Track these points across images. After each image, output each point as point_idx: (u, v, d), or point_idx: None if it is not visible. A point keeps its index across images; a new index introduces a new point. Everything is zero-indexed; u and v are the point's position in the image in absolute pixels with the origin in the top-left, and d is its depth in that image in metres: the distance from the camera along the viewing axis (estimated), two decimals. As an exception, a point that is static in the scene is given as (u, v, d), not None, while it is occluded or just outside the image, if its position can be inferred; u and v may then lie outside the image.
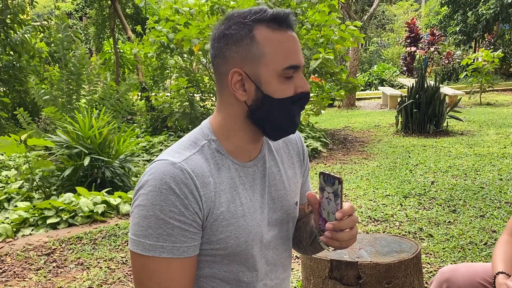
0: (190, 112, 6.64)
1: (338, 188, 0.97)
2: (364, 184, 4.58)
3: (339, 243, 1.00)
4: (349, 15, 11.15)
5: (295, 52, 0.98)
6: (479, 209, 3.72)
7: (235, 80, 0.99)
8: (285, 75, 0.98)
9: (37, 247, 3.27)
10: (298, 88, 1.00)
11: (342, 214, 0.98)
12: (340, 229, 0.99)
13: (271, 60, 0.96)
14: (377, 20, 22.47)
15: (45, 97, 6.11)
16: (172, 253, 0.95)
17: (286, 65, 0.97)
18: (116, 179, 4.52)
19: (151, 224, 0.94)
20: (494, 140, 6.61)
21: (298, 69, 0.99)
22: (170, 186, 0.94)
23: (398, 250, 1.95)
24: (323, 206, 1.02)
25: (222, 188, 1.00)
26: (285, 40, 0.98)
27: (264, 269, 1.10)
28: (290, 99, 0.99)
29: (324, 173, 1.00)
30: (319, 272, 1.92)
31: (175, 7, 6.60)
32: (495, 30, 15.67)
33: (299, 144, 1.22)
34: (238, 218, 1.01)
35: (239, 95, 0.99)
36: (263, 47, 0.96)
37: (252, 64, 0.97)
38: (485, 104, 10.83)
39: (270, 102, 0.98)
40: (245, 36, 0.97)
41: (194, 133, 1.06)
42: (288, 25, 0.98)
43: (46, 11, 23.18)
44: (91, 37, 13.40)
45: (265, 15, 0.96)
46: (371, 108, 11.58)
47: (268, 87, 0.98)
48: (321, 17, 6.26)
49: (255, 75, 0.98)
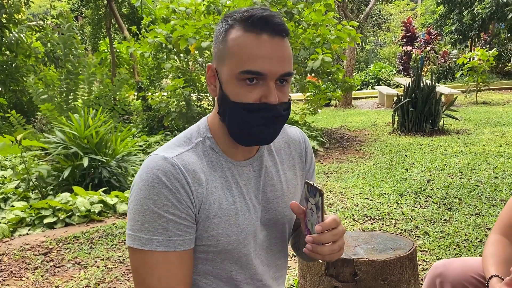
0: (186, 111, 6.64)
1: (319, 201, 0.94)
2: (361, 183, 4.59)
3: (321, 256, 0.97)
4: (345, 14, 11.17)
5: (261, 58, 0.92)
6: (474, 207, 3.75)
7: (209, 74, 1.01)
8: (243, 78, 0.94)
9: (34, 247, 3.27)
10: (262, 98, 0.94)
11: (321, 228, 0.94)
12: (320, 243, 0.96)
13: (232, 61, 0.95)
14: (373, 19, 22.52)
15: (42, 97, 6.09)
16: (168, 246, 0.96)
17: (243, 69, 0.93)
18: (113, 179, 4.52)
19: (146, 218, 0.95)
20: (490, 138, 6.65)
21: (262, 76, 0.93)
22: (161, 180, 0.95)
23: (393, 247, 1.96)
24: (308, 217, 1.00)
25: (214, 185, 1.01)
26: (254, 43, 0.93)
27: (259, 269, 1.09)
28: (247, 106, 0.94)
29: (308, 183, 0.97)
30: (316, 270, 1.93)
31: (171, 7, 6.61)
32: (491, 29, 15.74)
33: (302, 144, 1.19)
34: (230, 216, 1.01)
35: (210, 90, 1.02)
36: (229, 47, 0.95)
37: (219, 61, 0.98)
38: (481, 103, 10.87)
39: (227, 103, 0.97)
40: (221, 33, 0.99)
41: (190, 130, 1.07)
42: (265, 28, 0.93)
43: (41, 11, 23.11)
44: (87, 37, 13.37)
45: (244, 15, 0.94)
46: (368, 107, 11.61)
47: (227, 87, 0.97)
48: (318, 17, 6.28)
49: (220, 73, 0.98)
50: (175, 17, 6.53)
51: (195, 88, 7.31)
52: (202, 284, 1.06)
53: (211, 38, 5.88)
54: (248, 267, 1.07)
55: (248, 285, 1.08)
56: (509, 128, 7.43)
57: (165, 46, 6.30)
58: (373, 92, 13.89)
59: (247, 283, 1.08)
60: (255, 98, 0.94)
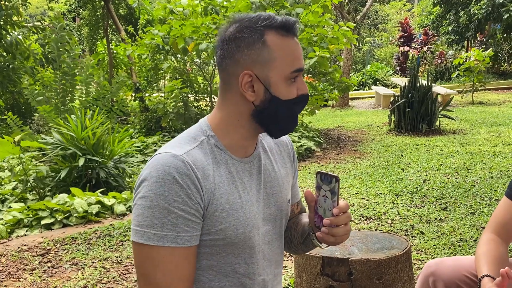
0: (184, 112, 6.65)
1: (335, 186, 1.03)
2: (357, 183, 4.62)
3: (334, 238, 1.06)
4: (342, 15, 11.20)
5: (299, 57, 1.06)
6: (469, 206, 3.78)
7: (245, 81, 1.04)
8: (292, 77, 1.05)
9: (31, 248, 3.28)
10: (300, 91, 1.07)
11: (339, 210, 1.04)
12: (337, 225, 1.05)
13: (280, 64, 1.03)
14: (370, 20, 22.57)
15: (38, 98, 6.09)
16: (175, 242, 0.98)
17: (293, 69, 1.04)
18: (111, 180, 4.53)
19: (156, 214, 0.97)
20: (486, 138, 6.69)
21: (301, 72, 1.07)
22: (173, 176, 0.98)
23: (388, 247, 1.98)
24: (319, 203, 1.08)
25: (221, 180, 1.05)
26: (292, 46, 1.05)
27: (261, 263, 1.13)
28: (293, 100, 1.07)
29: (321, 172, 1.07)
30: (311, 269, 1.95)
31: (169, 7, 6.62)
32: (487, 29, 15.80)
33: (289, 146, 1.28)
34: (237, 210, 1.06)
35: (248, 96, 1.05)
36: (273, 52, 1.03)
37: (262, 67, 1.03)
38: (477, 103, 10.92)
39: (277, 103, 1.05)
40: (257, 40, 1.03)
41: (193, 129, 1.11)
42: (294, 32, 1.06)
43: (39, 12, 23.07)
44: (84, 38, 13.36)
45: (275, 22, 1.03)
46: (365, 108, 11.64)
47: (276, 89, 1.04)
48: (315, 18, 6.30)
49: (264, 78, 1.04)
50: (173, 18, 6.54)
51: (193, 89, 7.32)
52: (204, 279, 1.09)
53: (208, 38, 5.89)
54: (252, 260, 1.11)
55: (249, 279, 1.11)
56: (504, 128, 7.47)
57: (162, 48, 6.31)
58: (370, 92, 13.93)
59: (249, 277, 1.11)
60: (295, 92, 1.07)
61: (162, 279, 0.98)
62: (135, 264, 1.02)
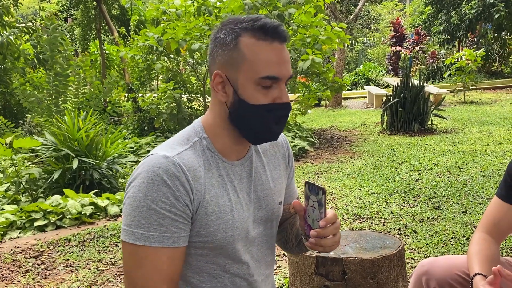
0: (177, 113, 6.64)
1: (322, 198, 1.02)
2: (350, 182, 4.64)
3: (323, 248, 1.06)
4: (334, 16, 11.24)
5: (276, 64, 1.01)
6: (461, 205, 3.81)
7: (217, 81, 1.05)
8: (262, 84, 1.01)
9: (25, 250, 3.26)
10: (277, 99, 1.03)
11: (325, 223, 1.03)
12: (324, 236, 1.04)
13: (249, 68, 1.01)
14: (362, 20, 22.67)
15: (30, 99, 6.06)
16: (162, 242, 0.99)
17: (263, 74, 1.00)
18: (104, 181, 4.52)
19: (143, 214, 0.98)
20: (477, 137, 6.75)
21: (277, 80, 1.02)
22: (162, 178, 0.98)
23: (382, 246, 2.00)
24: (308, 213, 1.07)
25: (211, 183, 1.05)
26: (268, 50, 1.01)
27: (251, 265, 1.14)
28: (265, 106, 1.02)
29: (309, 182, 1.05)
30: (306, 269, 1.96)
31: (162, 8, 6.61)
32: (478, 29, 15.92)
33: (285, 146, 1.27)
34: (226, 213, 1.06)
35: (220, 96, 1.05)
36: (243, 54, 1.01)
37: (232, 68, 1.02)
38: (469, 102, 11.01)
39: (244, 107, 1.03)
40: (231, 41, 1.02)
41: (187, 130, 1.11)
42: (275, 36, 1.01)
43: (30, 12, 22.91)
44: (76, 38, 13.27)
45: (254, 24, 1.01)
46: (357, 107, 11.69)
47: (244, 92, 1.02)
48: (307, 18, 6.33)
49: (234, 79, 1.03)
50: (165, 18, 6.53)
51: (186, 90, 7.31)
52: (195, 281, 1.10)
53: (201, 39, 5.89)
54: (242, 262, 1.11)
55: (240, 280, 1.12)
56: (496, 127, 7.54)
57: (155, 49, 6.30)
58: (363, 92, 13.99)
59: (240, 277, 1.12)
60: (270, 99, 1.03)
61: (140, 279, 0.99)
62: (123, 263, 1.03)
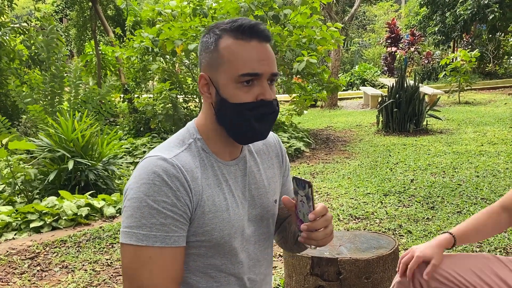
0: (173, 113, 6.64)
1: (308, 192, 1.04)
2: (346, 183, 4.66)
3: (316, 241, 1.07)
4: (330, 16, 11.27)
5: (256, 61, 1.03)
6: (456, 205, 3.84)
7: (202, 83, 1.08)
8: (242, 81, 1.03)
9: (20, 251, 3.25)
10: (259, 96, 1.04)
11: (314, 216, 1.05)
12: (315, 229, 1.06)
13: (228, 67, 1.03)
14: (358, 20, 22.74)
15: (26, 100, 6.04)
16: (165, 242, 1.00)
17: (242, 72, 1.02)
18: (100, 182, 4.52)
19: (145, 214, 0.99)
20: (472, 138, 6.79)
21: (258, 77, 1.03)
22: (163, 178, 1.00)
23: (376, 246, 2.02)
24: (299, 208, 1.09)
25: (208, 183, 1.07)
26: (246, 49, 1.03)
27: (247, 263, 1.15)
28: (246, 105, 1.04)
29: (296, 177, 1.07)
30: (301, 269, 1.98)
31: (157, 9, 6.61)
32: (473, 30, 16.01)
33: (277, 146, 1.29)
34: (223, 211, 1.08)
35: (205, 98, 1.09)
36: (222, 55, 1.04)
37: (214, 69, 1.06)
38: (464, 103, 11.07)
39: (226, 106, 1.05)
40: (211, 44, 1.06)
41: (181, 132, 1.13)
42: (253, 35, 1.03)
43: (25, 12, 22.82)
44: (72, 39, 13.25)
45: (232, 25, 1.04)
46: (353, 108, 11.73)
47: (225, 91, 1.05)
48: (303, 19, 6.34)
49: (215, 80, 1.06)
50: (161, 19, 6.53)
51: (182, 90, 7.31)
52: (192, 282, 1.11)
53: (197, 40, 5.90)
54: (237, 260, 1.13)
55: (236, 280, 1.13)
56: (490, 127, 7.59)
57: (151, 50, 6.30)
58: (358, 93, 14.03)
59: (236, 278, 1.13)
60: (252, 97, 1.04)
61: (148, 279, 0.99)
62: (123, 266, 1.03)
